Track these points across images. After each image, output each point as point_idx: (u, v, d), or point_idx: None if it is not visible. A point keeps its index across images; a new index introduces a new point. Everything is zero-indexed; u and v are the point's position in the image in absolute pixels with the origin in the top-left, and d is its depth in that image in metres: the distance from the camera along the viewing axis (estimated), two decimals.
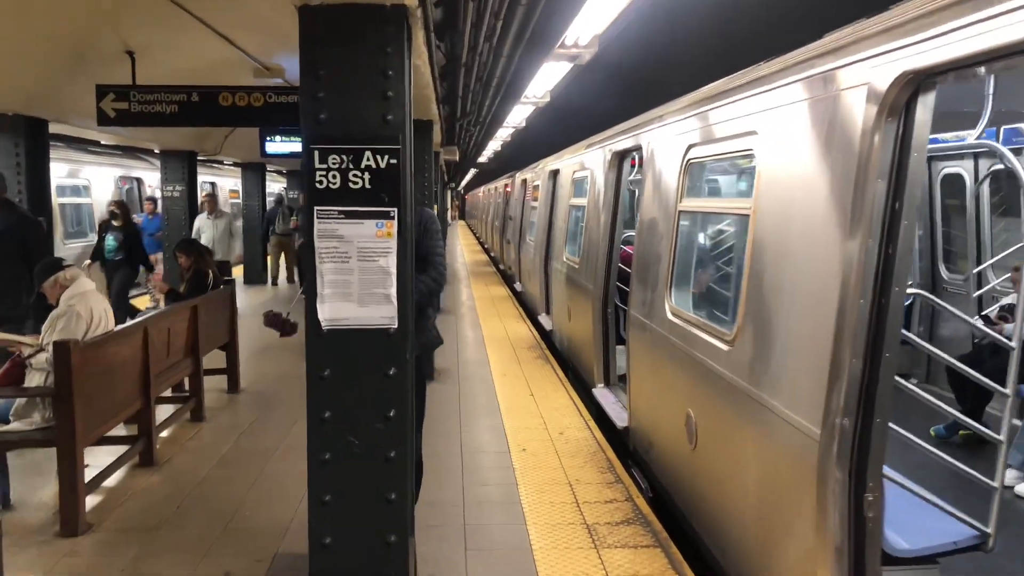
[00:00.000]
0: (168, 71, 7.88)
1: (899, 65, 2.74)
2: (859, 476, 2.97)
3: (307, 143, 3.31)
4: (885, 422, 2.95)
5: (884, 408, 2.94)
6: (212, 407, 7.26)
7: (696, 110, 5.01)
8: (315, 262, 3.35)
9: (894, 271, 2.89)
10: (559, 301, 10.26)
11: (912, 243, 2.92)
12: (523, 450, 6.09)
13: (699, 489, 4.60)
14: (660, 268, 5.49)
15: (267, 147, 10.01)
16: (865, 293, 2.91)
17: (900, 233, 2.87)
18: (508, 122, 12.15)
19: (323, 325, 3.38)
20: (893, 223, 2.89)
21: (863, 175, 2.91)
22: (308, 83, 3.29)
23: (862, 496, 2.97)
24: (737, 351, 3.96)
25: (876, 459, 2.96)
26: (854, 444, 2.96)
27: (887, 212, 2.89)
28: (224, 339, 7.74)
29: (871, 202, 2.88)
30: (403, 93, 3.35)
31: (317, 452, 3.44)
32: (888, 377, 2.93)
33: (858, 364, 2.93)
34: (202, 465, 5.75)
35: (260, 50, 7.35)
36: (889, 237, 2.89)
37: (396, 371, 3.42)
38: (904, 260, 2.90)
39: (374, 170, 3.33)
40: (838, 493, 2.98)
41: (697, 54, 10.51)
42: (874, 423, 2.94)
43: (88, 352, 4.72)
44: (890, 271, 2.89)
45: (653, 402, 5.67)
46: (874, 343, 2.92)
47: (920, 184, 2.88)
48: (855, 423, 2.96)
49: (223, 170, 20.84)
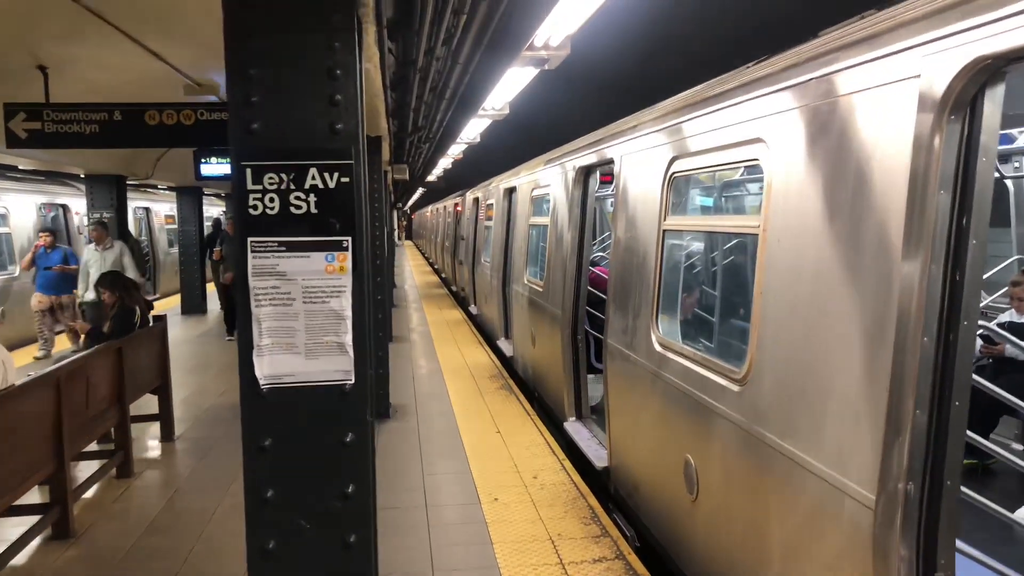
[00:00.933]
0: (87, 88, 7.15)
1: (968, 51, 2.24)
2: (928, 552, 2.44)
3: (237, 159, 2.67)
4: (956, 485, 2.43)
5: (953, 469, 2.42)
6: (143, 459, 6.49)
7: (681, 117, 4.49)
8: (250, 306, 2.71)
9: (963, 301, 2.38)
10: (521, 326, 9.68)
11: (983, 267, 2.42)
12: (495, 500, 5.47)
13: (703, 546, 4.05)
14: (643, 293, 4.95)
15: (202, 169, 9.33)
16: (929, 329, 2.39)
17: (968, 255, 2.37)
18: (462, 137, 11.56)
19: (262, 383, 2.74)
20: (960, 243, 2.38)
21: (921, 186, 2.40)
22: (236, 85, 2.66)
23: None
24: (751, 393, 3.42)
25: (947, 531, 2.44)
26: (921, 513, 2.44)
27: (952, 230, 2.39)
28: (156, 382, 6.97)
29: (933, 218, 2.37)
30: (354, 97, 2.75)
31: (258, 540, 2.79)
32: (959, 431, 2.41)
33: (923, 416, 2.41)
34: (128, 533, 4.99)
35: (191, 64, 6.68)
36: (955, 260, 2.39)
37: (354, 437, 2.78)
38: (974, 288, 2.39)
39: (321, 191, 2.71)
40: (904, 572, 2.45)
41: (676, 57, 10.11)
42: (944, 487, 2.42)
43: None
44: (958, 301, 2.38)
45: (639, 442, 5.11)
46: (941, 390, 2.41)
47: (989, 195, 2.37)
48: (921, 487, 2.43)
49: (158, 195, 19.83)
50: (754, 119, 3.53)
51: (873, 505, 2.53)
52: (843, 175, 2.83)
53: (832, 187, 2.90)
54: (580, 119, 10.81)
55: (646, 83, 8.66)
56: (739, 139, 3.71)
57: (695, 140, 4.28)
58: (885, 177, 2.58)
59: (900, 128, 2.51)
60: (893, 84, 2.56)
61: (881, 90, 2.62)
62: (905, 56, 2.50)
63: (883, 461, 2.50)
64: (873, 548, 2.53)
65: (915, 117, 2.43)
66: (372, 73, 4.68)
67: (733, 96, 3.81)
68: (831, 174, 2.91)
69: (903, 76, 2.51)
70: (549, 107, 13.15)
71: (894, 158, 2.53)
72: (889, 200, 2.55)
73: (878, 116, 2.63)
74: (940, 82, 2.34)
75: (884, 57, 2.61)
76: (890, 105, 2.57)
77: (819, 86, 3.00)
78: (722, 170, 4.18)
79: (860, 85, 2.73)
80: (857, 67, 2.76)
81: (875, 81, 2.65)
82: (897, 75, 2.54)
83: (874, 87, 2.66)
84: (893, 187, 2.53)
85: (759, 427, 3.33)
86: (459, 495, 5.60)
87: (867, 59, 2.70)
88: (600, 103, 11.63)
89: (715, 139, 4.01)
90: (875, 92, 2.65)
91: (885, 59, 2.61)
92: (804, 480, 2.95)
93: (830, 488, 2.78)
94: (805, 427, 3.00)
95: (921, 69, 2.42)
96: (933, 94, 2.37)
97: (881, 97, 2.62)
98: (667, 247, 4.73)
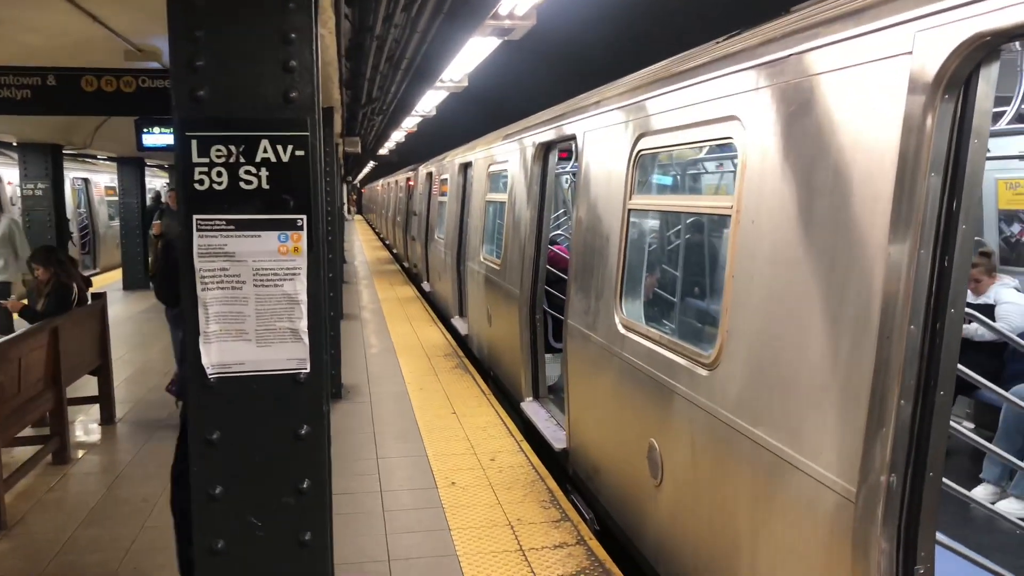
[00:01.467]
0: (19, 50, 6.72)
1: (966, 27, 2.13)
2: (908, 545, 2.37)
3: (181, 129, 2.45)
4: (938, 477, 2.36)
5: (936, 460, 2.35)
6: (81, 444, 6.19)
7: (648, 93, 4.35)
8: (195, 289, 2.50)
9: (951, 288, 2.29)
10: (476, 304, 9.51)
11: (971, 253, 2.34)
12: (452, 484, 5.33)
13: (666, 531, 3.97)
14: (606, 274, 4.83)
15: (144, 140, 8.89)
16: (916, 317, 2.30)
17: (958, 240, 2.28)
18: (418, 110, 11.26)
19: (209, 372, 2.54)
20: (949, 227, 2.29)
21: (911, 168, 2.30)
22: (180, 48, 2.43)
23: (912, 569, 2.38)
24: (721, 378, 3.32)
25: (928, 523, 2.37)
26: (902, 506, 2.36)
27: (941, 214, 2.29)
28: (95, 362, 6.65)
29: (923, 202, 2.27)
30: (310, 63, 2.53)
31: (206, 539, 2.59)
32: (942, 422, 2.33)
33: (908, 407, 2.33)
34: (65, 525, 4.73)
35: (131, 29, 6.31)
36: (944, 245, 2.29)
37: (309, 429, 2.60)
38: (962, 274, 2.31)
39: (274, 164, 2.50)
40: (884, 566, 2.38)
41: (647, 30, 9.90)
42: (926, 479, 2.35)
43: None
44: (945, 288, 2.30)
45: (600, 424, 5.01)
46: (927, 380, 2.32)
47: (980, 179, 2.28)
48: (903, 479, 2.35)
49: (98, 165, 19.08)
50: (728, 96, 3.40)
51: (854, 497, 2.45)
52: (824, 155, 2.72)
53: (812, 168, 2.79)
54: (540, 93, 10.60)
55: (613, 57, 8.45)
56: (711, 116, 3.58)
57: (663, 117, 4.15)
58: (871, 158, 2.47)
59: (889, 107, 2.40)
60: (882, 61, 2.45)
61: (868, 67, 2.51)
62: (896, 31, 2.39)
63: (865, 452, 2.41)
64: (852, 540, 2.45)
65: (905, 96, 2.32)
66: (327, 39, 4.43)
67: (705, 71, 3.67)
68: (811, 154, 2.80)
69: (893, 53, 2.39)
70: (509, 79, 12.89)
71: (881, 139, 2.43)
72: (875, 182, 2.44)
73: (865, 95, 2.52)
74: (934, 60, 2.23)
75: (873, 32, 2.49)
76: (878, 83, 2.45)
77: (800, 62, 2.87)
78: (692, 148, 4.05)
79: (846, 62, 2.61)
80: (842, 43, 2.64)
81: (862, 58, 2.53)
82: (887, 52, 2.42)
83: (861, 63, 2.54)
84: (880, 169, 2.42)
85: (728, 413, 3.23)
86: (415, 479, 5.45)
87: (854, 34, 2.58)
88: (563, 76, 11.37)
89: (685, 116, 3.88)
90: (862, 69, 2.54)
91: (874, 34, 2.49)
92: (778, 468, 2.86)
93: (806, 478, 2.70)
94: (779, 415, 2.91)
95: (914, 45, 2.31)
96: (926, 72, 2.26)
97: (868, 74, 2.50)
98: (632, 226, 4.61)
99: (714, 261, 5.47)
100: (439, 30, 4.84)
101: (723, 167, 6.08)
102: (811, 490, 2.68)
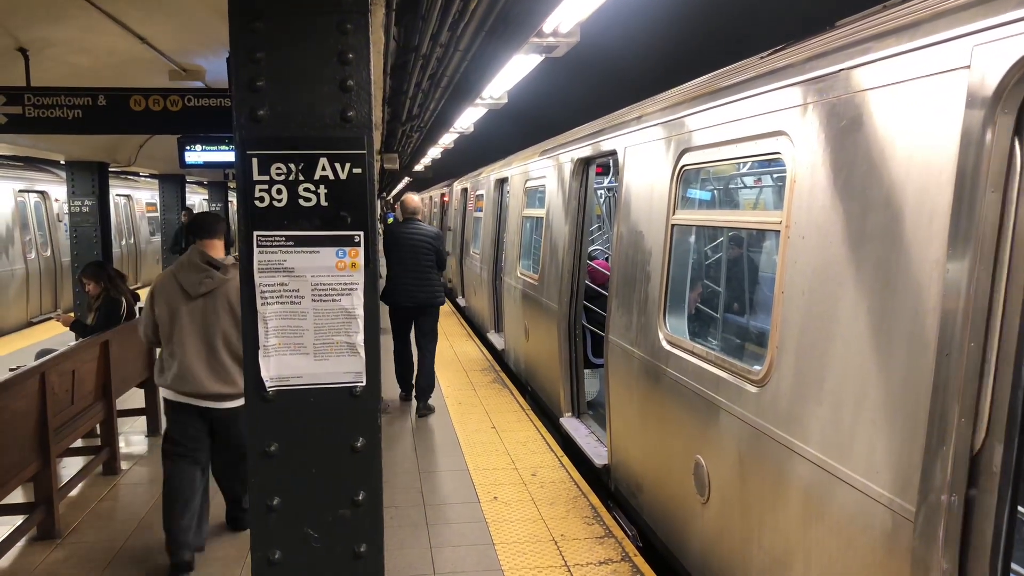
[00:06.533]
0: (69, 71, 6.92)
1: None
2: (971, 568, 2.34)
3: (242, 147, 2.51)
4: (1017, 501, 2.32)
5: None
6: (130, 455, 6.30)
7: (693, 108, 4.36)
8: (255, 304, 2.56)
9: (1009, 306, 2.26)
10: (513, 319, 9.54)
11: None
12: (494, 498, 5.34)
13: (713, 549, 3.94)
14: (649, 290, 4.83)
15: (186, 157, 9.09)
16: (976, 335, 2.28)
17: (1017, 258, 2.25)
18: (456, 126, 11.35)
19: (268, 385, 2.59)
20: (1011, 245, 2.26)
21: (970, 185, 2.28)
22: (242, 69, 2.50)
23: None
24: (772, 394, 3.31)
25: None
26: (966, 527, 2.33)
27: (1001, 231, 2.27)
28: (143, 375, 6.78)
29: (983, 219, 2.25)
30: (367, 83, 2.59)
31: (263, 550, 2.64)
32: None
33: (968, 425, 2.30)
34: (116, 534, 4.82)
35: (176, 49, 6.48)
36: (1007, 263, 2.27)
37: (364, 442, 2.64)
38: (1019, 292, 2.28)
39: (332, 182, 2.55)
40: None
41: (690, 44, 9.89)
42: None
43: None
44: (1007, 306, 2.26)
45: (644, 441, 4.99)
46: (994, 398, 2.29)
47: None
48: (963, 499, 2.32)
49: (139, 182, 19.49)
50: (776, 111, 3.39)
51: (912, 517, 2.42)
52: (877, 171, 2.70)
53: (865, 183, 2.77)
54: (578, 108, 10.62)
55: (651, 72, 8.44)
56: (758, 132, 3.58)
57: (708, 132, 4.15)
58: (927, 174, 2.46)
59: (945, 123, 2.39)
60: (938, 75, 2.44)
61: (923, 81, 2.50)
62: (953, 45, 2.38)
63: (924, 471, 2.39)
64: (912, 561, 2.42)
65: (963, 111, 2.31)
66: (375, 59, 4.50)
67: (751, 87, 3.67)
68: (864, 170, 2.79)
69: (950, 67, 2.38)
70: (545, 94, 12.92)
71: (938, 154, 2.41)
72: (932, 198, 2.43)
73: (920, 110, 2.51)
74: (993, 74, 2.21)
75: (928, 47, 2.48)
76: (934, 98, 2.44)
77: (851, 77, 2.87)
78: (738, 164, 4.05)
79: (899, 76, 2.61)
80: (896, 57, 2.63)
81: (917, 72, 2.52)
82: (943, 66, 2.41)
83: (915, 78, 2.53)
84: (936, 185, 2.41)
85: (779, 430, 3.21)
86: (458, 493, 5.47)
87: (907, 48, 2.57)
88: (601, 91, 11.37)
89: (730, 131, 3.88)
90: (917, 83, 2.53)
91: (928, 48, 2.48)
92: (832, 487, 2.84)
93: (862, 496, 2.67)
94: (831, 432, 2.88)
95: (971, 59, 2.30)
96: (985, 87, 2.24)
97: (924, 89, 2.49)
98: (676, 242, 4.60)
99: (761, 277, 5.44)
100: (481, 48, 4.89)
101: (761, 182, 6.05)
102: (866, 508, 2.65)
